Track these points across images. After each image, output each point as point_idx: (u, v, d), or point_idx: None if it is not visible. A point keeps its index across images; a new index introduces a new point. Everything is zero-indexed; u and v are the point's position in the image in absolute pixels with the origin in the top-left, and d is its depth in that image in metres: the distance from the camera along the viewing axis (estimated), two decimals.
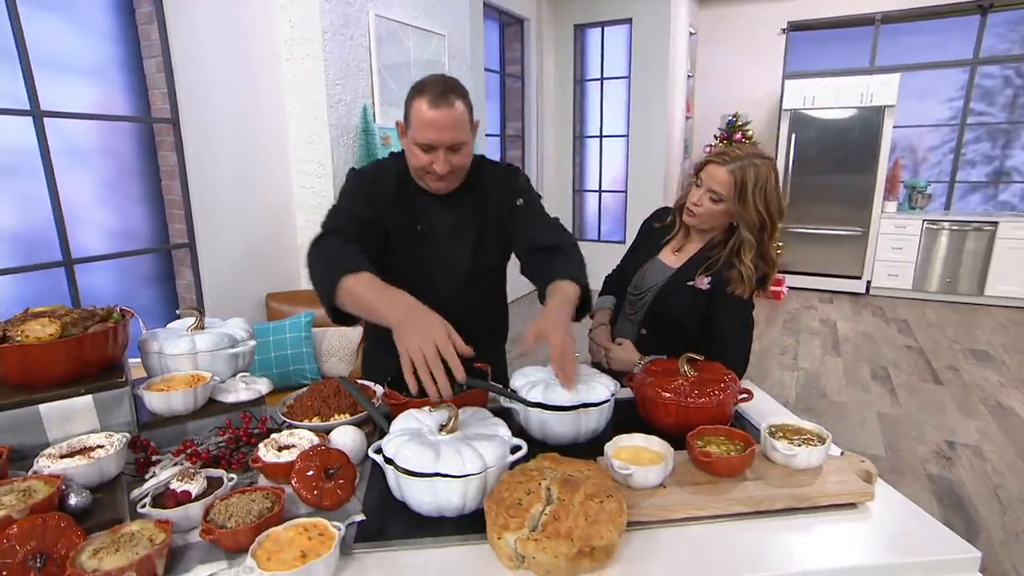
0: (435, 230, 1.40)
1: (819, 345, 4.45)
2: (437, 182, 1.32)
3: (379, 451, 0.98)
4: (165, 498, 0.93)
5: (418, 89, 1.25)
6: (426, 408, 1.06)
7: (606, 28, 5.93)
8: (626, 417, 1.27)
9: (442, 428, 1.00)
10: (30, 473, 0.91)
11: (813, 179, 6.00)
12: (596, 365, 1.57)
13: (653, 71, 5.65)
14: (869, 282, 5.97)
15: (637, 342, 1.53)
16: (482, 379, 1.28)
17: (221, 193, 2.78)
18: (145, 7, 2.53)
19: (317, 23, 2.88)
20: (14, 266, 2.20)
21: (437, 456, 0.93)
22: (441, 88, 1.22)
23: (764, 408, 1.36)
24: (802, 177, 6.04)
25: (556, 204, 6.44)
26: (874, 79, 5.68)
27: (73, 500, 0.88)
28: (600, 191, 6.43)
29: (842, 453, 1.13)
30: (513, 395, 1.20)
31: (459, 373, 0.99)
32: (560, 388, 1.18)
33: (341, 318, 1.19)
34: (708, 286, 1.44)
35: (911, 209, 6.00)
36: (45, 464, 0.92)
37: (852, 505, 0.99)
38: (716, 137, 6.22)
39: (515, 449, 1.02)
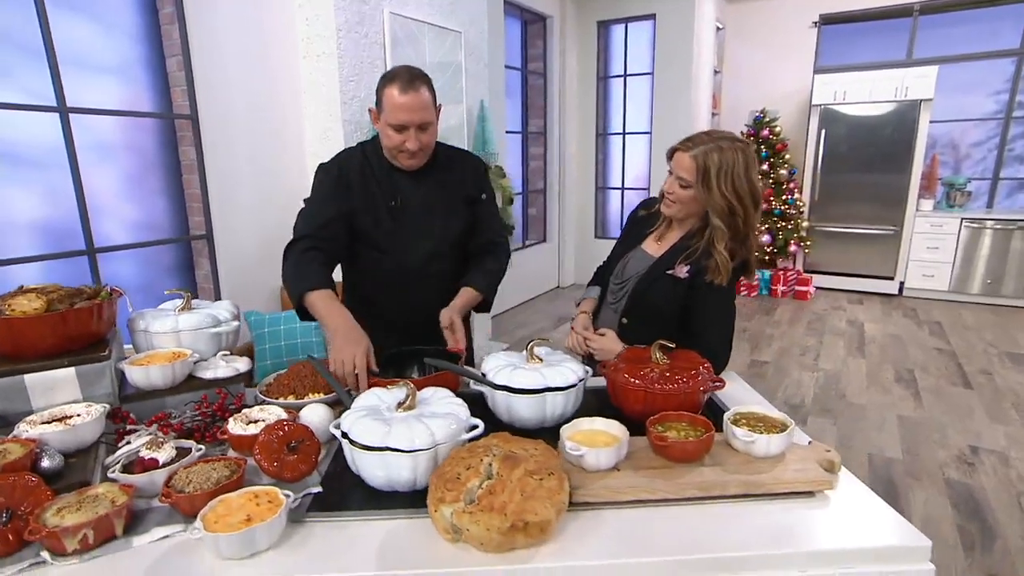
0: (407, 204, 1.53)
1: (843, 346, 4.32)
2: (409, 159, 1.47)
3: (339, 427, 1.01)
4: (135, 465, 0.98)
5: (389, 78, 1.40)
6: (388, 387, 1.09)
7: (629, 24, 5.88)
8: (600, 404, 1.28)
9: (399, 406, 1.03)
10: (9, 437, 0.97)
11: (843, 177, 5.81)
12: (587, 357, 1.57)
13: (677, 67, 5.58)
14: (902, 283, 5.75)
15: (618, 331, 1.52)
16: (454, 362, 1.31)
17: (238, 186, 2.88)
18: (168, 7, 2.64)
19: (332, 21, 2.95)
20: (41, 254, 2.32)
21: (389, 431, 0.95)
22: (409, 76, 1.38)
23: (745, 400, 1.34)
24: (832, 175, 5.86)
25: (578, 201, 6.42)
26: (910, 72, 5.47)
27: (46, 463, 0.94)
28: (623, 188, 6.37)
29: (809, 443, 1.11)
30: (480, 378, 1.22)
31: (363, 386, 1.20)
32: (526, 372, 1.19)
33: (307, 318, 1.38)
34: (687, 275, 1.43)
35: (949, 207, 5.75)
36: (24, 429, 0.98)
37: (810, 493, 0.97)
38: (743, 134, 6.09)
39: (472, 428, 1.03)
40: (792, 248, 5.85)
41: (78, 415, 1.02)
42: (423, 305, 1.51)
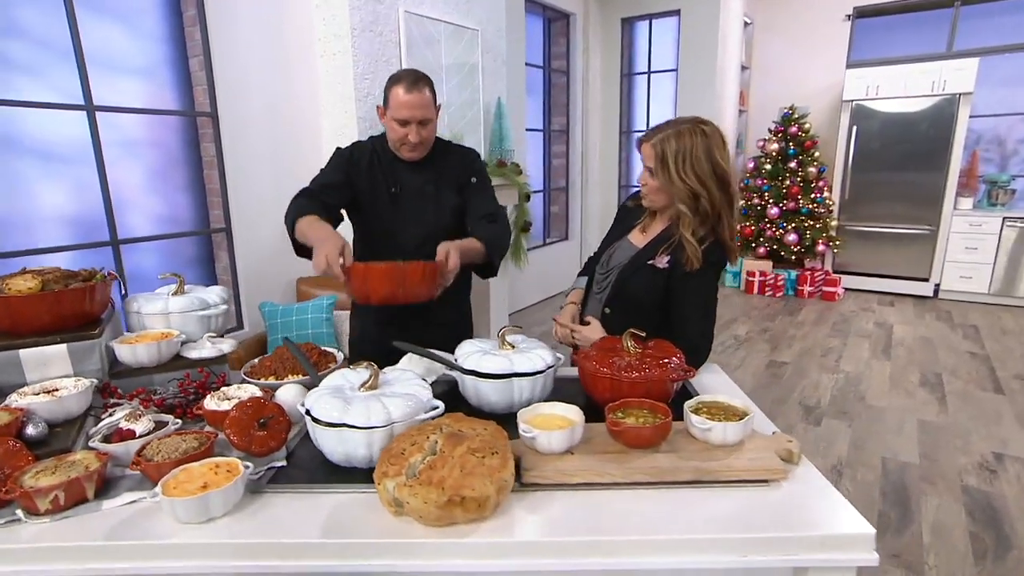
0: (405, 191, 1.72)
1: (868, 348, 4.18)
2: (411, 151, 1.66)
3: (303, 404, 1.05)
4: (115, 435, 1.05)
5: (395, 79, 1.59)
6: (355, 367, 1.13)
7: (654, 20, 5.82)
8: (577, 391, 1.29)
9: (362, 386, 1.06)
10: (2, 407, 1.04)
11: (875, 174, 5.62)
12: (575, 348, 1.58)
13: (702, 63, 5.50)
14: (938, 285, 5.53)
15: (602, 320, 1.53)
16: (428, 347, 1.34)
17: (256, 182, 2.98)
18: (191, 10, 2.76)
19: (347, 21, 3.02)
20: (69, 244, 2.45)
21: (347, 408, 0.99)
22: (413, 78, 1.57)
23: (728, 392, 1.33)
24: (863, 172, 5.67)
25: (601, 199, 6.39)
26: (947, 65, 5.25)
27: (30, 430, 1.00)
28: None
29: (773, 433, 1.10)
30: (449, 362, 1.24)
31: (337, 271, 1.29)
32: (495, 358, 1.21)
33: (303, 253, 1.54)
34: (667, 265, 1.42)
35: (991, 206, 5.50)
36: (14, 399, 1.05)
37: (764, 482, 0.96)
38: (770, 131, 5.96)
39: (432, 409, 1.06)
40: (820, 248, 5.69)
41: (66, 388, 1.09)
42: None
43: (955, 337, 4.45)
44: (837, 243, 5.74)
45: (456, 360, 1.25)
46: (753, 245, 5.98)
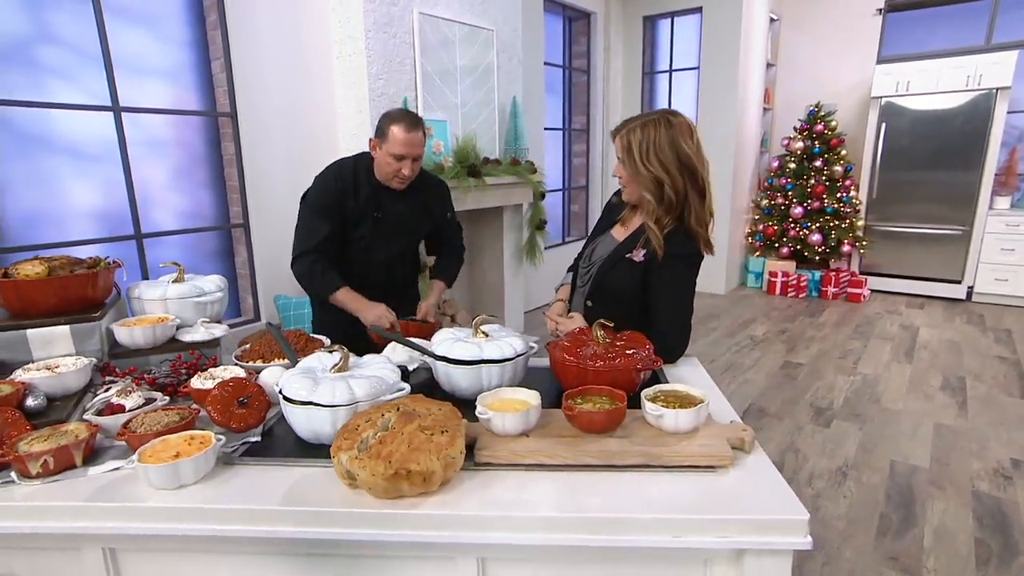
0: (387, 216, 1.92)
1: (889, 351, 4.07)
2: (401, 184, 1.86)
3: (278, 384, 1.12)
4: (106, 409, 1.13)
5: (394, 119, 1.77)
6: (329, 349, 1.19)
7: (676, 18, 5.77)
8: (549, 380, 1.33)
9: (333, 367, 1.12)
10: (5, 380, 1.14)
11: (905, 173, 5.45)
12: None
13: (725, 61, 5.43)
14: (971, 287, 5.33)
15: (584, 313, 1.56)
16: (429, 333, 1.43)
17: (273, 179, 3.09)
18: (212, 15, 2.89)
19: (361, 23, 3.11)
20: (96, 237, 2.60)
21: (315, 388, 1.05)
22: (412, 120, 1.77)
23: (702, 384, 1.35)
24: (892, 171, 5.51)
25: None
26: (983, 59, 5.06)
27: (30, 402, 1.10)
28: None
29: (731, 422, 1.11)
30: (422, 348, 1.29)
31: (397, 325, 1.76)
32: (466, 345, 1.26)
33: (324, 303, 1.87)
34: (643, 258, 1.45)
35: None
36: (19, 374, 1.14)
37: (712, 468, 0.98)
38: (796, 129, 5.84)
39: (398, 391, 1.11)
40: (846, 248, 5.55)
41: (65, 365, 1.18)
42: (388, 285, 1.98)
43: (985, 341, 4.29)
44: (864, 243, 5.59)
45: (432, 347, 1.30)
46: (776, 245, 5.87)
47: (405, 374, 1.37)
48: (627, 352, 1.23)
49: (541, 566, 0.94)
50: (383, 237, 1.92)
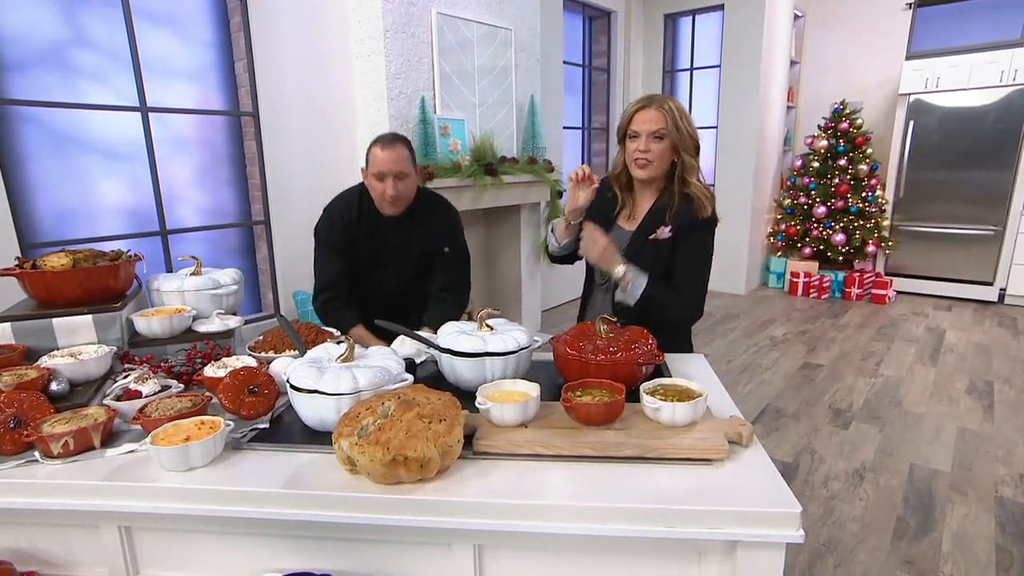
0: (388, 247, 1.94)
1: (913, 353, 3.98)
2: (390, 206, 1.82)
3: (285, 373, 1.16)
4: (124, 395, 1.18)
5: (373, 141, 1.79)
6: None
7: (697, 16, 5.72)
8: (553, 373, 1.34)
9: (339, 358, 1.15)
10: (32, 365, 1.19)
11: (933, 172, 5.32)
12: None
13: (747, 59, 5.36)
14: (1003, 290, 5.18)
15: (612, 309, 1.58)
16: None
17: (293, 178, 3.16)
18: (236, 17, 2.96)
19: (379, 22, 3.16)
20: (124, 233, 2.69)
21: (320, 377, 1.08)
22: (391, 137, 1.78)
23: (706, 380, 1.35)
24: (920, 170, 5.38)
25: None
26: (1019, 53, 4.90)
27: (54, 386, 1.15)
28: None
29: (731, 417, 1.12)
30: (427, 341, 1.32)
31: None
32: (471, 338, 1.28)
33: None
34: (670, 234, 1.48)
35: None
36: (44, 360, 1.20)
37: (708, 461, 0.99)
38: (820, 127, 5.74)
39: (401, 381, 1.14)
40: (871, 248, 5.44)
41: (88, 353, 1.24)
42: (393, 304, 1.94)
43: (1016, 345, 4.17)
44: (890, 244, 5.47)
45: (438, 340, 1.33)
46: (798, 245, 5.78)
47: (413, 366, 1.40)
48: (629, 347, 1.24)
49: (536, 553, 0.96)
50: (386, 266, 1.96)
